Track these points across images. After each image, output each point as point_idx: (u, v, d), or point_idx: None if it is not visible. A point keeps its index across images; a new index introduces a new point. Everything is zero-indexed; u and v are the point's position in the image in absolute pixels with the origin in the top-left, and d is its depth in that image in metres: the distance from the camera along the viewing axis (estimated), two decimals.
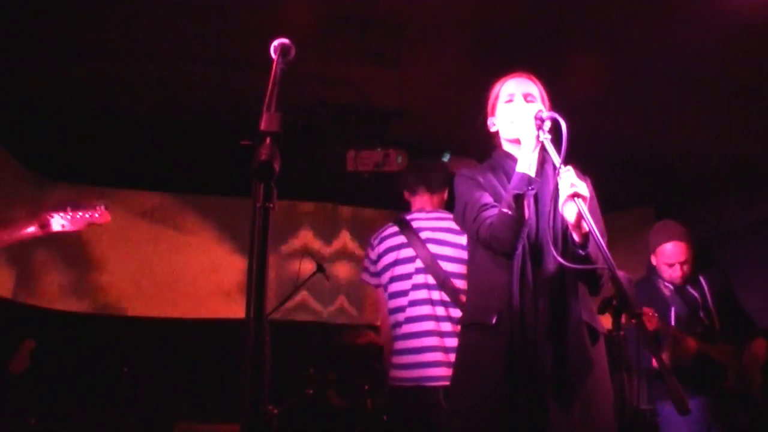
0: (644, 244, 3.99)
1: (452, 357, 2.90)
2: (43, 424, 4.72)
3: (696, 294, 3.72)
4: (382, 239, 3.46)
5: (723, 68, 4.51)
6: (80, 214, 3.14)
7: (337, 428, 4.97)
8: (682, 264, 3.72)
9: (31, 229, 3.10)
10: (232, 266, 6.31)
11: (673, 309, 3.70)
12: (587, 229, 2.05)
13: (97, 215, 3.18)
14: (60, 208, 3.16)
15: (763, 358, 3.60)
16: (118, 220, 6.21)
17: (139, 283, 6.16)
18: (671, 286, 3.76)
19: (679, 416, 3.42)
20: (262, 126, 1.44)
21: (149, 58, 4.60)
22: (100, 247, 6.11)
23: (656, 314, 3.41)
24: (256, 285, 1.35)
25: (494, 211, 2.23)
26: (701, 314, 3.67)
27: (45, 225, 3.12)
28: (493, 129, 2.48)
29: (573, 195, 2.03)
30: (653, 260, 3.85)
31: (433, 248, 3.27)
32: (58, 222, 3.13)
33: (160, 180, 6.23)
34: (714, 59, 4.40)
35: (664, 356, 3.44)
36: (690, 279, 3.75)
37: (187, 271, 6.31)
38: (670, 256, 3.74)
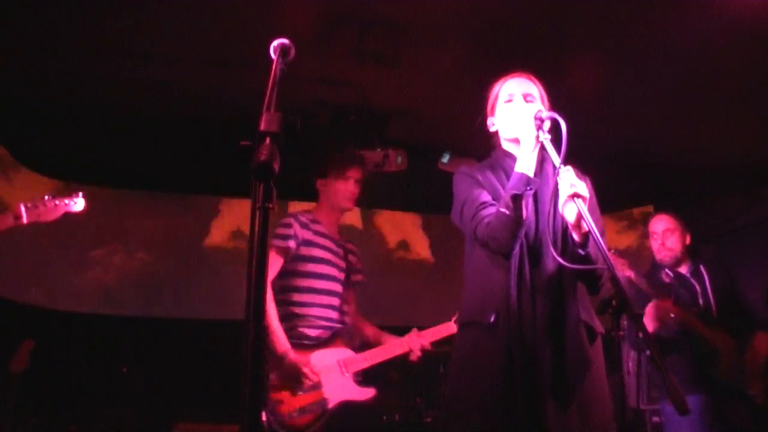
0: (644, 244, 3.99)
1: None
2: (42, 424, 4.72)
3: (696, 284, 3.74)
4: None
5: (723, 68, 4.51)
6: (55, 203, 3.08)
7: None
8: (664, 233, 3.79)
9: (6, 220, 3.03)
10: (232, 266, 6.31)
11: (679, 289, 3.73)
12: (587, 228, 2.05)
13: (72, 203, 3.11)
14: (37, 198, 3.09)
15: (765, 354, 3.58)
16: (118, 219, 6.23)
17: (138, 282, 6.17)
18: (671, 274, 3.77)
19: (695, 414, 3.43)
20: (262, 126, 1.44)
21: (149, 58, 4.60)
22: (101, 247, 6.11)
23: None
24: (255, 285, 1.35)
25: (492, 210, 2.23)
26: (699, 301, 3.68)
27: (18, 216, 3.05)
28: (492, 129, 2.48)
29: (573, 195, 2.03)
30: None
31: None
32: (30, 212, 3.06)
33: (160, 180, 6.23)
34: (714, 59, 4.40)
35: (649, 324, 3.43)
36: (682, 262, 3.79)
37: (187, 271, 6.31)
38: (653, 226, 3.86)
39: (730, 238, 5.94)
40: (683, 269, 3.79)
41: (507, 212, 2.14)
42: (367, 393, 3.32)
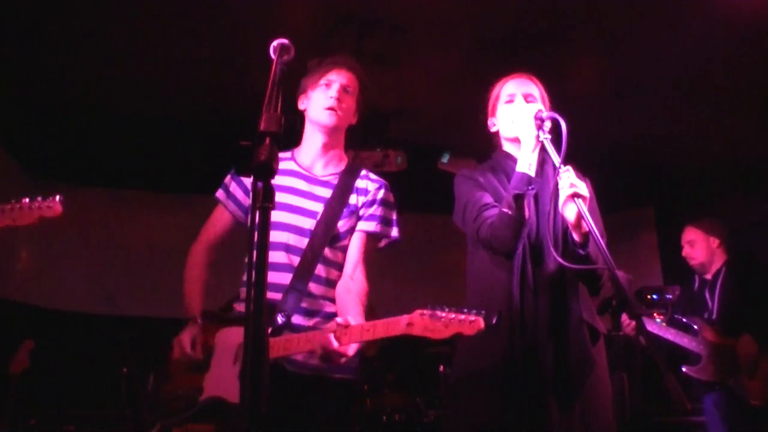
0: (644, 244, 4.02)
1: None
2: (43, 424, 4.72)
3: (707, 291, 3.93)
4: None
5: (723, 68, 4.51)
6: (31, 206, 2.96)
7: None
8: (687, 244, 4.03)
9: None
10: (232, 266, 6.31)
11: (692, 301, 3.97)
12: (587, 229, 2.05)
13: (47, 207, 2.84)
14: (14, 200, 2.86)
15: (753, 358, 3.63)
16: (118, 219, 6.23)
17: (139, 283, 6.16)
18: (698, 279, 4.03)
19: (712, 411, 3.64)
20: (262, 126, 1.44)
21: (149, 58, 4.60)
22: (101, 247, 6.10)
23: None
24: (255, 285, 1.34)
25: (494, 211, 2.23)
26: (709, 306, 3.87)
27: None
28: (493, 129, 2.48)
29: (573, 195, 2.03)
30: None
31: None
32: (6, 215, 2.95)
33: (160, 179, 6.23)
34: (714, 59, 4.41)
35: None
36: (709, 267, 3.98)
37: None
38: (682, 236, 4.10)
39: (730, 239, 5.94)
40: (709, 274, 3.98)
41: (509, 212, 2.15)
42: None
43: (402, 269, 6.51)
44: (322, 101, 2.42)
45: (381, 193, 2.47)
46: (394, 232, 2.48)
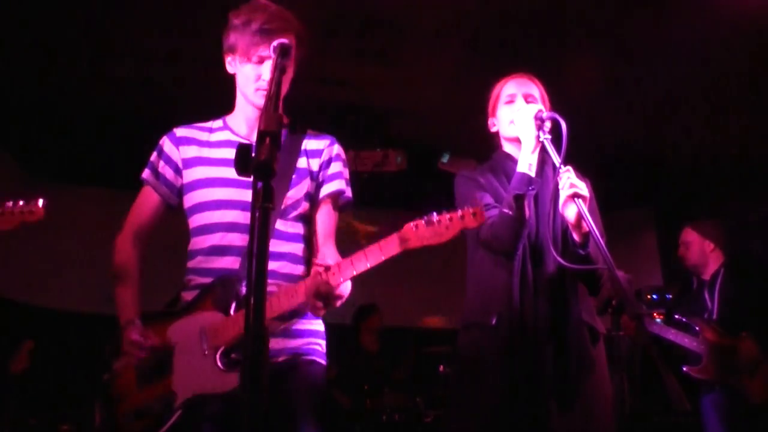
0: (644, 244, 4.02)
1: None
2: (43, 424, 4.72)
3: (706, 291, 3.94)
4: None
5: (723, 68, 4.51)
6: (13, 211, 2.69)
7: (337, 427, 4.97)
8: (683, 245, 4.06)
9: None
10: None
11: (691, 301, 4.01)
12: (587, 229, 2.05)
13: (30, 211, 2.72)
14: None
15: (754, 357, 3.65)
16: (117, 219, 6.23)
17: (138, 282, 6.15)
18: (696, 279, 4.06)
19: (709, 412, 3.62)
20: (262, 126, 1.44)
21: (149, 58, 4.60)
22: (101, 247, 6.10)
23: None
24: (256, 285, 1.35)
25: (495, 212, 2.23)
26: (708, 306, 3.88)
27: None
28: (493, 129, 2.48)
29: (573, 195, 2.03)
30: None
31: None
32: None
33: None
34: (714, 59, 4.40)
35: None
36: (705, 268, 4.00)
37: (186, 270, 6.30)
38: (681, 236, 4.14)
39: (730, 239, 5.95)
40: (706, 275, 4.00)
41: (509, 212, 2.15)
42: (229, 381, 1.97)
43: (401, 269, 6.50)
44: (253, 80, 2.13)
45: (335, 149, 2.22)
46: (350, 191, 2.24)
